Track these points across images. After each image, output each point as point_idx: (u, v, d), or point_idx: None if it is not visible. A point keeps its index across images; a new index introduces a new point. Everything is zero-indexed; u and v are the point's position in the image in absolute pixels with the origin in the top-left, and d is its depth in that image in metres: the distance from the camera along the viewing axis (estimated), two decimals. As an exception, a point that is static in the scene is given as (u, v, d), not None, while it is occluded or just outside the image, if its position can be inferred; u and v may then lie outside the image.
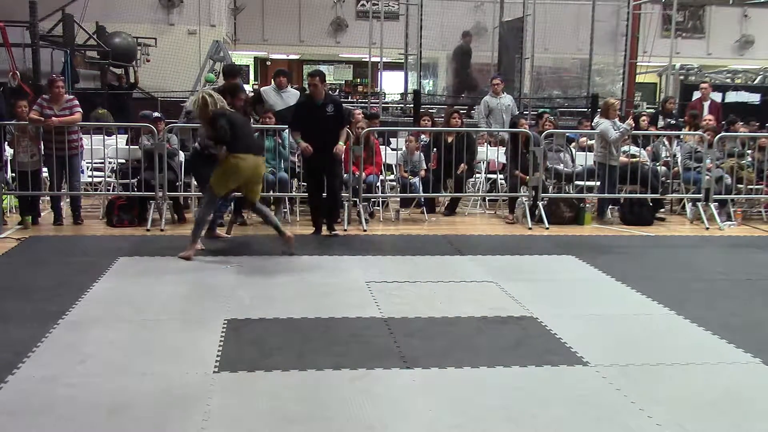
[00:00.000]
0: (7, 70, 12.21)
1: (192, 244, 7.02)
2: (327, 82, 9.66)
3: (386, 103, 18.33)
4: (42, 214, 8.99)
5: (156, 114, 9.49)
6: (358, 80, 25.93)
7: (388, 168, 10.25)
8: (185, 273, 6.45)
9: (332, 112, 8.09)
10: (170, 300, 5.60)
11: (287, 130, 9.01)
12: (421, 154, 9.84)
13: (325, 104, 8.08)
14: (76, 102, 8.75)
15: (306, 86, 9.61)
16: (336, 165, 8.27)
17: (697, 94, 13.77)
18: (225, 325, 4.99)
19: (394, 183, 10.03)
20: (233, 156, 7.03)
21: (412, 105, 13.97)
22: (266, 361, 4.36)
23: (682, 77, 19.47)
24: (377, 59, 15.26)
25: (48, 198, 9.22)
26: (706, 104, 12.58)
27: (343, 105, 8.92)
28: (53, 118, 8.40)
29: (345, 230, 8.49)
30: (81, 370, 4.18)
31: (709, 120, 10.46)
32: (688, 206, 9.99)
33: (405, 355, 4.52)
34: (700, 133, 9.92)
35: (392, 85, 21.69)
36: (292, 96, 10.13)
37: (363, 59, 19.13)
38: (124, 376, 4.12)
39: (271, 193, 8.96)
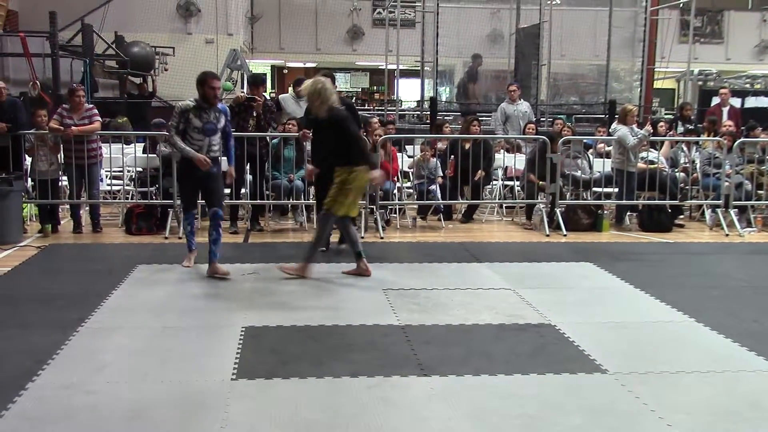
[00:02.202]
0: (28, 80, 12.35)
1: (305, 263, 6.55)
2: (343, 90, 9.52)
3: (402, 110, 18.35)
4: (61, 222, 9.07)
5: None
6: (375, 88, 25.99)
7: (405, 175, 10.24)
8: (203, 281, 6.48)
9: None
10: (188, 307, 5.62)
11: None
12: (438, 161, 9.83)
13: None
14: (96, 111, 8.83)
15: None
16: None
17: (715, 100, 13.68)
18: (243, 333, 5.00)
19: (411, 190, 10.03)
20: (352, 170, 6.41)
21: (428, 112, 13.97)
22: (284, 369, 4.36)
23: (700, 83, 19.34)
24: (393, 67, 15.29)
25: (67, 206, 9.30)
26: (725, 110, 12.49)
27: (358, 111, 8.38)
28: (72, 128, 8.49)
29: (362, 237, 8.49)
30: (100, 377, 4.21)
31: (729, 125, 10.38)
32: (708, 212, 9.91)
33: (422, 362, 4.51)
34: (718, 138, 9.85)
35: (408, 92, 21.71)
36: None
37: (379, 67, 19.19)
38: (143, 383, 4.14)
39: (290, 200, 9.02)
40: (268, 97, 9.61)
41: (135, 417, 3.69)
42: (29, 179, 9.04)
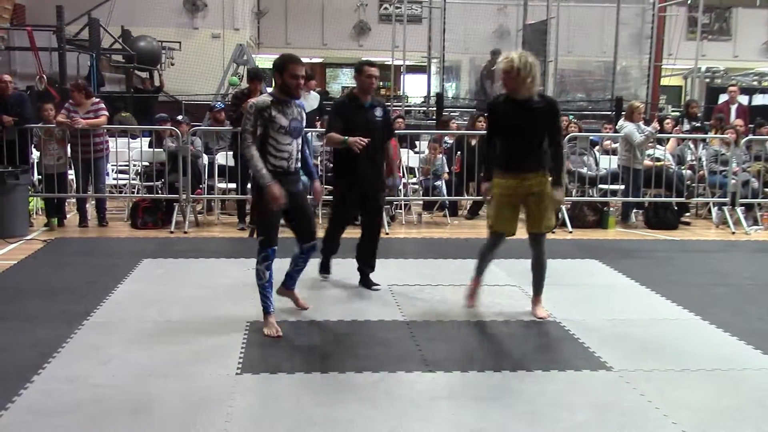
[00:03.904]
0: (34, 74, 12.37)
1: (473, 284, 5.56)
2: (350, 85, 9.26)
3: (409, 106, 18.34)
4: (68, 216, 9.08)
5: (180, 117, 9.59)
6: (381, 83, 25.95)
7: (411, 171, 10.24)
8: (208, 275, 6.49)
9: (381, 117, 6.07)
10: (193, 302, 5.63)
11: (309, 133, 9.04)
12: (444, 157, 9.82)
13: (373, 106, 6.06)
14: (102, 105, 8.84)
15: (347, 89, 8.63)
16: (382, 192, 6.31)
17: (722, 97, 13.64)
18: (247, 327, 5.00)
19: (417, 186, 10.02)
20: (545, 177, 5.18)
21: (434, 108, 13.96)
22: (288, 364, 4.37)
23: (707, 80, 19.28)
24: (400, 62, 15.27)
25: (74, 200, 9.32)
26: (734, 107, 12.45)
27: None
28: (78, 119, 8.49)
29: None
30: (105, 370, 4.22)
31: (739, 125, 10.32)
32: (714, 210, 9.88)
33: (427, 358, 4.51)
34: (725, 136, 9.80)
35: (415, 88, 21.70)
36: (313, 99, 10.17)
37: (386, 62, 19.14)
38: (148, 377, 4.14)
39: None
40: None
41: (140, 411, 3.70)
42: (36, 173, 9.07)
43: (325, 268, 6.41)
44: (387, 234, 8.55)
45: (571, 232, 8.88)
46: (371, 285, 6.17)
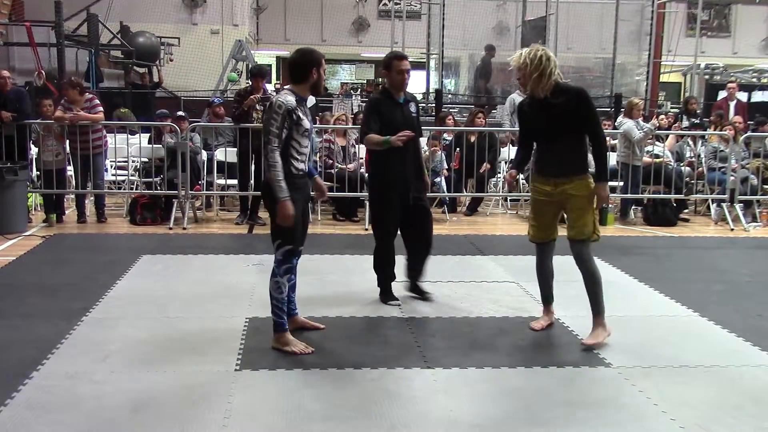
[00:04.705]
0: (33, 70, 12.37)
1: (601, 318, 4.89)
2: (349, 81, 9.20)
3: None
4: (66, 212, 9.08)
5: (180, 113, 9.58)
6: (380, 80, 25.93)
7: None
8: (208, 271, 6.49)
9: (416, 113, 5.68)
10: (192, 298, 5.63)
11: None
12: (443, 153, 9.81)
13: (407, 102, 5.60)
14: (97, 101, 8.82)
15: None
16: (425, 192, 5.76)
17: (722, 94, 13.63)
18: (246, 324, 5.01)
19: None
20: (587, 180, 4.88)
21: (434, 104, 13.95)
22: (287, 360, 4.37)
23: (707, 77, 19.26)
24: (399, 58, 15.22)
25: (72, 196, 9.31)
26: (733, 104, 12.44)
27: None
28: (75, 113, 8.46)
29: (366, 229, 8.47)
30: (105, 366, 4.22)
31: (738, 122, 10.32)
32: (713, 207, 9.89)
33: (426, 354, 4.51)
34: (724, 132, 9.80)
35: (414, 84, 21.68)
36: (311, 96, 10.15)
37: (385, 59, 19.14)
38: (147, 373, 4.15)
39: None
40: (269, 89, 9.60)
41: (139, 406, 3.70)
42: (35, 169, 9.06)
43: (389, 295, 5.65)
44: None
45: (569, 229, 8.87)
46: (423, 293, 5.73)
